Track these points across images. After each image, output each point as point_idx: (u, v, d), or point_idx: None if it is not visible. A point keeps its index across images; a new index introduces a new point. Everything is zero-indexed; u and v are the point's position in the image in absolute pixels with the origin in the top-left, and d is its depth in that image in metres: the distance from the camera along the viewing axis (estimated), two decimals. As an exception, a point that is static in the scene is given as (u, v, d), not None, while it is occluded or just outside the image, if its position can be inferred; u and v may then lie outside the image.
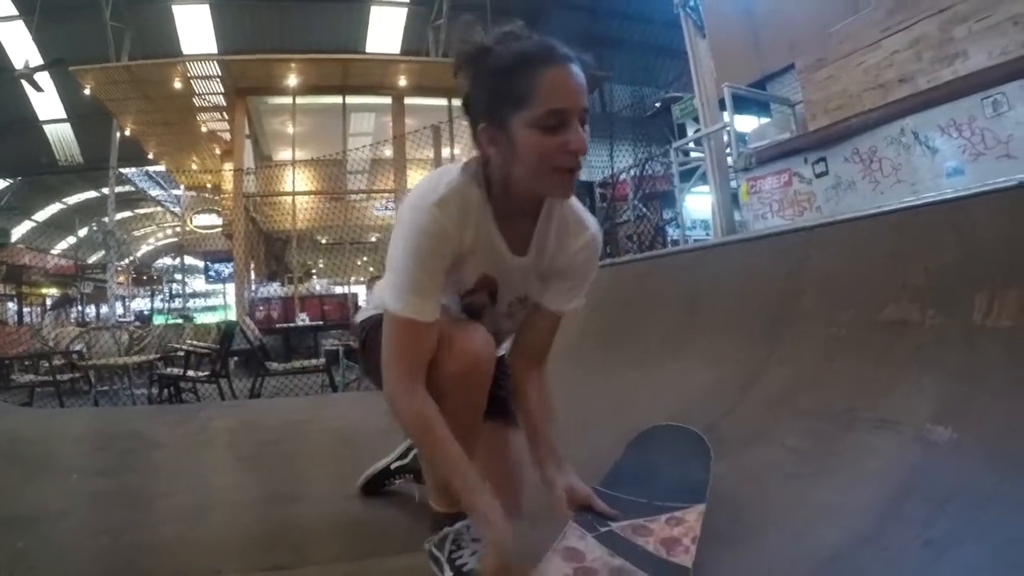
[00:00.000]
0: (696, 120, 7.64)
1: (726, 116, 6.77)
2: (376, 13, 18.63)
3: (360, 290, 24.67)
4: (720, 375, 2.51)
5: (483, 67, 1.49)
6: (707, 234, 9.48)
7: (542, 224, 1.66)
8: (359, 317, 1.89)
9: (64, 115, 20.72)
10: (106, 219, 19.02)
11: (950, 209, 2.50)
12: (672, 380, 3.00)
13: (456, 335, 1.57)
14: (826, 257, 2.87)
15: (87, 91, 14.59)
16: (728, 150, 6.76)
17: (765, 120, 8.33)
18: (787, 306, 3.06)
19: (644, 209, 11.71)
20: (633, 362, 2.40)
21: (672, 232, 10.84)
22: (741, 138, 7.10)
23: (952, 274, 2.32)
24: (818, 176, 5.57)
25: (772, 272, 3.41)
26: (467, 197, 1.53)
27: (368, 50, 18.65)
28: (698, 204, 10.95)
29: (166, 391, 7.00)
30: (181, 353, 7.85)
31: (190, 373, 7.00)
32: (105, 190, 19.46)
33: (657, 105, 16.62)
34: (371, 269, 22.87)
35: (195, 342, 8.98)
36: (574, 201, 1.70)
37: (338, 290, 17.46)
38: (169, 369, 7.52)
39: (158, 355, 8.49)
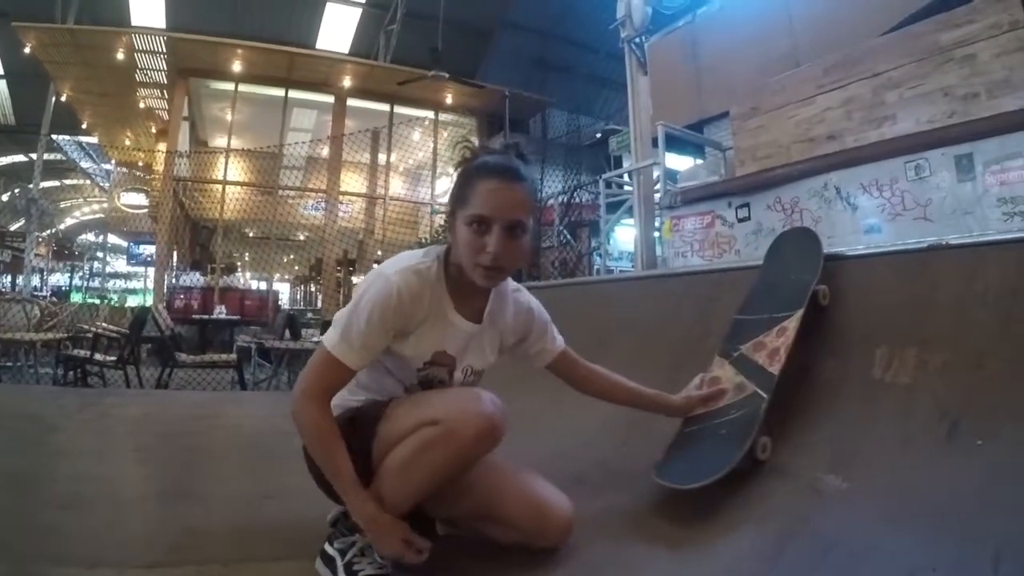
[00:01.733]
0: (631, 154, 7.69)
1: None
2: (331, 10, 18.45)
3: (283, 288, 24.38)
4: (620, 409, 2.48)
5: (462, 169, 1.86)
6: (632, 266, 9.56)
7: (493, 299, 1.99)
8: None
9: (1, 71, 19.82)
10: (31, 186, 18.29)
11: (860, 264, 2.55)
12: (572, 411, 2.96)
13: (460, 402, 1.78)
14: (735, 299, 2.86)
15: (27, 50, 14.14)
16: (657, 187, 6.80)
17: (699, 161, 8.45)
18: (695, 346, 3.09)
19: (569, 236, 11.77)
20: (537, 389, 2.37)
21: (597, 261, 10.90)
22: (673, 176, 7.17)
23: (855, 327, 2.37)
24: (740, 220, 5.63)
25: (683, 310, 3.47)
26: (426, 272, 1.82)
27: (318, 47, 18.39)
28: (627, 236, 11.07)
29: (71, 373, 6.73)
30: (90, 335, 7.54)
31: (97, 357, 6.75)
32: (34, 155, 18.73)
33: (597, 135, 16.78)
34: (296, 268, 22.59)
35: (106, 325, 8.63)
36: (512, 287, 2.10)
37: (261, 286, 17.19)
38: (76, 351, 7.23)
39: (67, 335, 8.13)
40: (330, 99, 17.09)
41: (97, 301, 18.87)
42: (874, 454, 1.99)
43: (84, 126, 19.05)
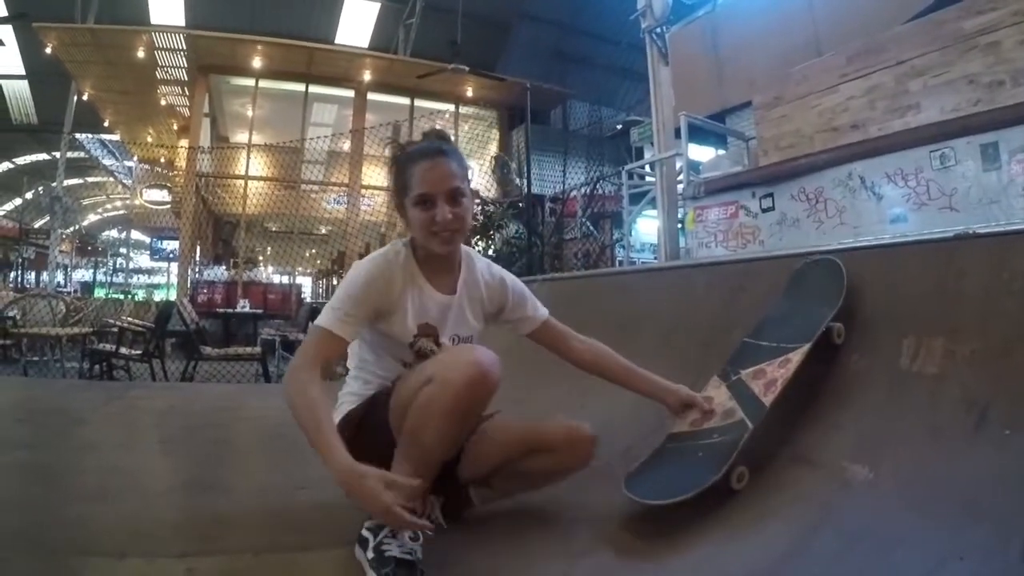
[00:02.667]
0: (653, 145, 7.68)
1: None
2: (350, 4, 18.42)
3: (306, 282, 24.46)
4: (644, 398, 2.49)
5: (396, 163, 2.11)
6: (655, 258, 9.54)
7: (464, 270, 2.19)
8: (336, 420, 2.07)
9: (23, 71, 19.92)
10: (55, 184, 18.45)
11: (886, 254, 2.55)
12: (597, 398, 2.97)
13: (453, 357, 1.92)
14: (760, 291, 2.87)
15: (48, 50, 14.22)
16: (679, 177, 6.79)
17: (722, 152, 8.41)
18: (720, 337, 3.06)
19: (592, 228, 11.75)
20: (560, 377, 2.39)
21: (620, 253, 10.88)
22: (695, 167, 7.15)
23: (882, 317, 2.35)
24: (764, 211, 5.61)
25: (708, 301, 3.45)
26: (395, 256, 2.06)
27: (337, 41, 18.41)
28: (650, 228, 11.03)
29: (97, 367, 6.81)
30: (116, 329, 7.62)
31: (123, 350, 6.82)
32: (57, 153, 18.88)
33: (618, 127, 16.72)
34: (319, 262, 22.66)
35: (131, 319, 8.73)
36: (475, 255, 2.29)
37: (284, 280, 17.27)
38: (102, 344, 7.30)
39: (93, 329, 8.22)
40: (350, 93, 17.10)
41: (121, 296, 19.03)
42: (901, 444, 1.97)
43: (106, 124, 19.13)
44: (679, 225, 6.87)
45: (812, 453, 2.15)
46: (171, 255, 21.92)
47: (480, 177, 16.92)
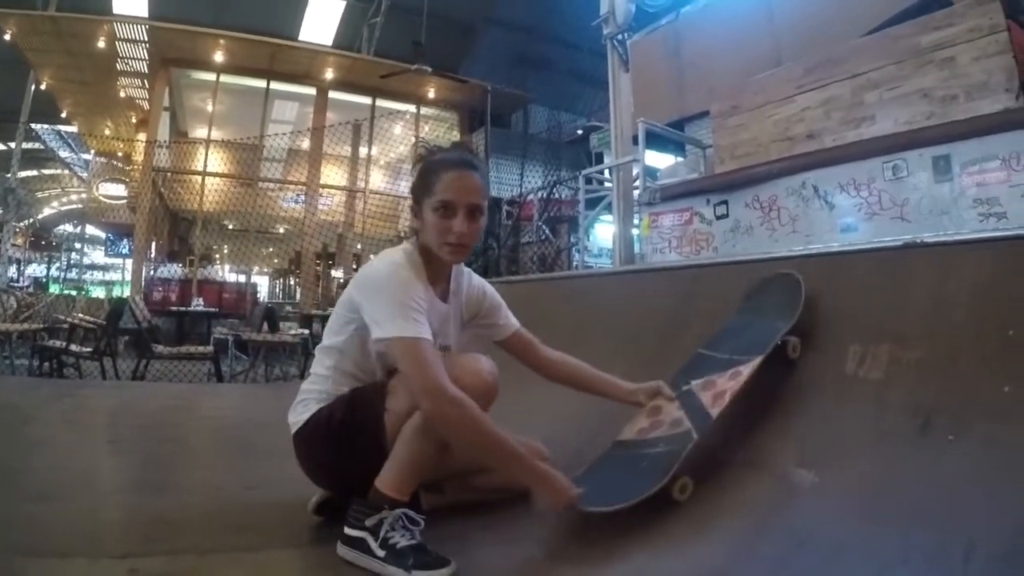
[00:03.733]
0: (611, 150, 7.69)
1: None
2: (315, 1, 18.27)
3: (262, 281, 24.21)
4: (592, 401, 2.54)
5: (424, 165, 2.10)
6: (611, 263, 9.57)
7: (454, 278, 2.24)
8: (300, 417, 2.09)
9: (-22, 57, 19.50)
10: (9, 175, 18.03)
11: (835, 262, 2.59)
12: (547, 401, 2.95)
13: (468, 363, 2.01)
14: (712, 296, 2.87)
15: (7, 36, 13.87)
16: (636, 183, 6.81)
17: (680, 159, 8.46)
18: (671, 341, 3.09)
19: (548, 232, 11.77)
20: (510, 381, 2.35)
21: (576, 257, 10.91)
22: (653, 173, 7.17)
23: (829, 324, 2.38)
24: (718, 218, 5.64)
25: (659, 306, 3.48)
26: (415, 259, 2.06)
27: (301, 38, 18.24)
28: (607, 233, 11.07)
29: (47, 364, 6.67)
30: (67, 326, 7.49)
31: (73, 348, 6.69)
32: (12, 144, 18.42)
33: (579, 132, 16.79)
34: (275, 261, 22.45)
35: (83, 316, 8.55)
36: (461, 266, 2.29)
37: (241, 278, 17.09)
38: (52, 341, 7.13)
39: (44, 325, 8.02)
40: (312, 91, 16.99)
41: (74, 292, 18.68)
42: (847, 449, 1.99)
43: (64, 115, 18.80)
44: (634, 231, 6.89)
45: (758, 458, 2.16)
46: (127, 252, 21.48)
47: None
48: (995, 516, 1.53)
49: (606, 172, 8.23)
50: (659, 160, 8.52)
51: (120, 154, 19.46)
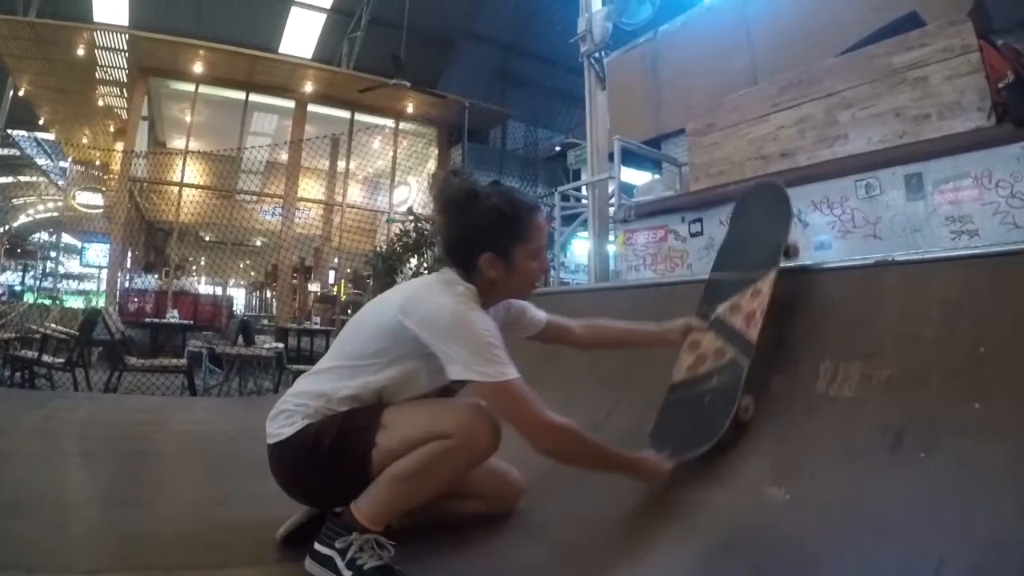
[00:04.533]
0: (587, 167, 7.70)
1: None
2: (295, 14, 18.28)
3: (239, 293, 24.03)
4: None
5: (479, 209, 2.00)
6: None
7: (492, 309, 2.14)
8: (282, 431, 1.99)
9: (-44, 63, 19.34)
10: (-16, 181, 17.90)
11: (806, 278, 2.56)
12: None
13: (476, 415, 1.93)
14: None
15: (-15, 42, 13.67)
16: (612, 200, 6.81)
17: (656, 176, 8.47)
18: (643, 358, 3.07)
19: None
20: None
21: (552, 274, 10.92)
22: (629, 191, 7.18)
23: (801, 340, 2.39)
24: (693, 235, 5.64)
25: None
26: (475, 295, 1.99)
27: (281, 51, 18.23)
28: (585, 250, 11.09)
29: (18, 374, 6.50)
30: (38, 336, 7.36)
31: (46, 358, 6.56)
32: (-12, 150, 18.33)
33: (557, 149, 16.87)
34: (252, 274, 22.30)
35: (56, 326, 8.41)
36: None
37: (217, 291, 16.96)
38: (24, 351, 6.97)
39: (16, 335, 7.87)
40: (291, 104, 16.98)
41: (48, 302, 18.45)
42: (817, 467, 2.01)
43: (41, 122, 18.71)
44: (610, 248, 6.88)
45: (729, 475, 2.15)
46: (103, 262, 21.27)
47: (417, 194, 16.86)
48: (965, 532, 1.55)
49: (583, 189, 8.22)
50: (636, 177, 8.56)
51: (98, 163, 19.31)
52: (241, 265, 20.96)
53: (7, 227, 30.15)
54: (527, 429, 1.84)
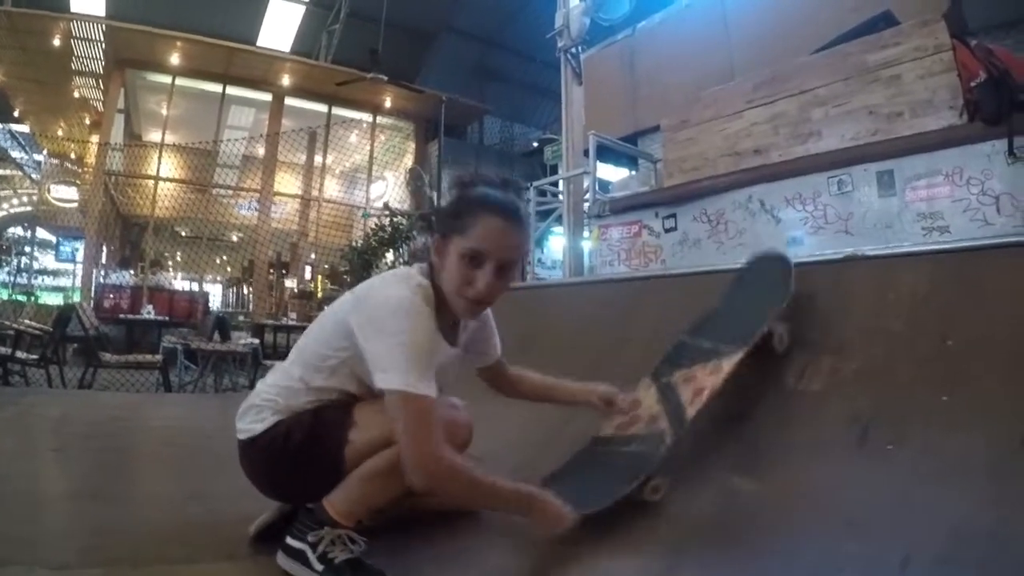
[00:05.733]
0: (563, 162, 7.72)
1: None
2: (274, 6, 18.17)
3: (215, 289, 23.87)
4: (541, 414, 2.64)
5: (462, 193, 1.86)
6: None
7: (463, 327, 2.05)
8: (253, 427, 1.94)
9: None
10: (-43, 174, 17.69)
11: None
12: (494, 414, 2.91)
13: (457, 415, 2.05)
14: (656, 308, 2.85)
15: (-42, 31, 13.50)
16: (587, 196, 6.82)
17: (633, 172, 8.49)
18: (615, 352, 3.11)
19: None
20: (460, 394, 2.33)
21: (528, 269, 10.95)
22: (605, 187, 7.19)
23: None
24: (667, 231, 5.64)
25: (604, 317, 3.53)
26: (428, 295, 1.83)
27: (259, 44, 18.10)
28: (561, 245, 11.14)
29: (-9, 371, 6.39)
30: (12, 332, 7.22)
31: (19, 354, 6.47)
32: (-39, 142, 18.11)
33: (534, 144, 16.89)
34: (229, 269, 22.15)
35: (29, 322, 8.32)
36: None
37: (193, 286, 16.84)
38: (-2, 348, 6.89)
39: (-12, 332, 7.79)
40: (268, 97, 16.87)
41: (23, 298, 18.26)
42: (785, 459, 2.03)
43: (16, 113, 18.54)
44: (585, 243, 6.89)
45: (698, 466, 2.17)
46: (75, 256, 21.08)
47: (394, 189, 16.82)
48: (932, 522, 1.58)
49: (560, 184, 8.23)
50: (613, 174, 8.56)
51: (73, 156, 19.15)
52: (217, 260, 20.81)
53: (-20, 221, 29.79)
54: (415, 456, 1.67)
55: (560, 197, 8.22)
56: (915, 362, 1.96)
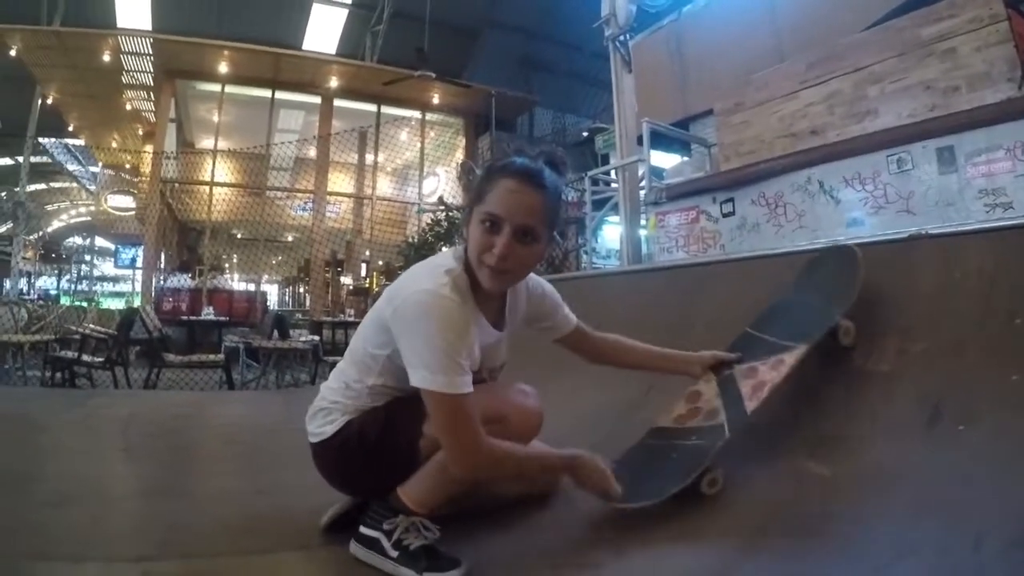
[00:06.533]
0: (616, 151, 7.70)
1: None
2: (317, 10, 18.32)
3: (272, 289, 24.28)
4: (607, 399, 2.66)
5: (489, 166, 1.85)
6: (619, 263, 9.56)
7: (511, 298, 2.01)
8: (324, 429, 1.97)
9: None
10: (18, 189, 18.14)
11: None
12: (562, 400, 2.95)
13: (516, 400, 2.01)
14: (719, 293, 2.86)
15: (12, 52, 13.99)
16: (642, 184, 6.81)
17: (686, 158, 8.45)
18: (676, 340, 3.06)
19: (555, 234, 11.80)
20: (526, 379, 2.35)
21: (584, 259, 10.92)
22: (658, 173, 7.17)
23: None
24: (725, 216, 5.63)
25: (664, 304, 3.48)
26: (461, 282, 1.78)
27: (304, 47, 18.30)
28: (616, 234, 11.07)
29: (59, 375, 6.63)
30: (78, 336, 7.49)
31: (85, 358, 6.69)
32: (20, 158, 18.55)
33: (584, 134, 16.80)
34: (284, 269, 22.50)
35: (94, 326, 8.58)
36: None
37: (250, 287, 17.14)
38: (64, 352, 7.12)
39: (55, 336, 8.05)
40: (317, 100, 17.07)
41: (85, 304, 18.73)
42: (855, 441, 1.98)
43: (71, 128, 18.96)
44: (642, 231, 6.88)
45: (768, 450, 2.14)
46: (134, 262, 21.58)
47: (447, 184, 16.90)
48: (1004, 505, 1.52)
49: (612, 173, 8.22)
50: (665, 160, 8.51)
51: (128, 166, 19.55)
52: (274, 261, 21.15)
53: (41, 233, 30.61)
54: (456, 453, 1.70)
55: (613, 186, 8.21)
56: (984, 341, 1.92)
